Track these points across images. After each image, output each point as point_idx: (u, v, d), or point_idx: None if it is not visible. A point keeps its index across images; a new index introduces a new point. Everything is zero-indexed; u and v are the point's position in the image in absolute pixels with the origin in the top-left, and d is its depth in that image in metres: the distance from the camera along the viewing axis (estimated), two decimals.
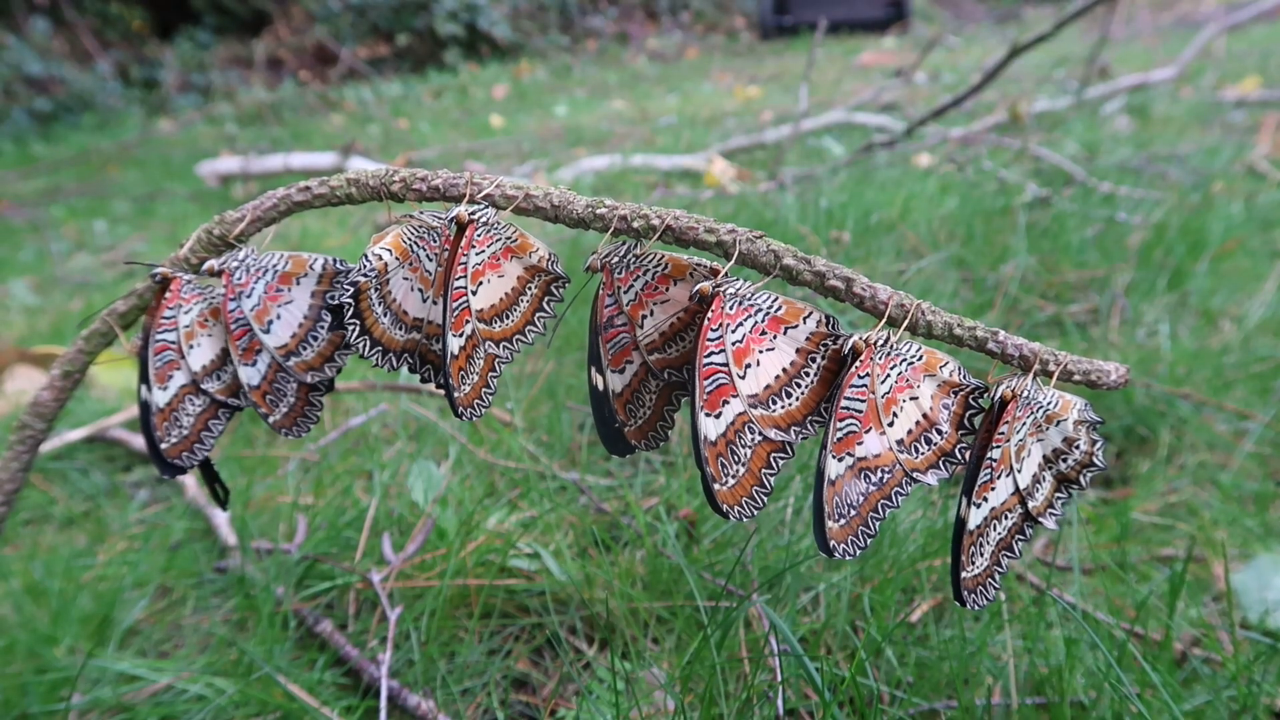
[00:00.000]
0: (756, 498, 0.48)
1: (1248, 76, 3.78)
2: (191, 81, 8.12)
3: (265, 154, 3.87)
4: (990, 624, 0.82)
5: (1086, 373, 0.47)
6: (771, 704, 0.74)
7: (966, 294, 1.68)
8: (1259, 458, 1.17)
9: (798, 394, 0.48)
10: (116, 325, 0.62)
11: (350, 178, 0.55)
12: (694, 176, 3.01)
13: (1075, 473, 0.49)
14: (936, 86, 4.92)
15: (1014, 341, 0.47)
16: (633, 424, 0.53)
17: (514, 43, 9.23)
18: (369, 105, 6.80)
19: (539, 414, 1.32)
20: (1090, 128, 3.19)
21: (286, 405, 0.60)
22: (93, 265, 2.98)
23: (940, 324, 0.47)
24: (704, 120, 4.65)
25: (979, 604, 0.49)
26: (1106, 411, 1.26)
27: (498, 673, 0.85)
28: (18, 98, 6.96)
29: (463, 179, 0.52)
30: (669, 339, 0.51)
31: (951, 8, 10.63)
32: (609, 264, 0.51)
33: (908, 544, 0.92)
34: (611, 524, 1.04)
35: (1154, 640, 0.81)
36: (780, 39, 9.51)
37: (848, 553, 0.47)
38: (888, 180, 2.40)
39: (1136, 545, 1.01)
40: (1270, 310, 1.54)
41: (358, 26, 8.92)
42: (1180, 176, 2.41)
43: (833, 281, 0.47)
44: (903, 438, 0.47)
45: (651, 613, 0.88)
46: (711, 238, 0.48)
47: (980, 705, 0.74)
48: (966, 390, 0.48)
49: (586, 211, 0.50)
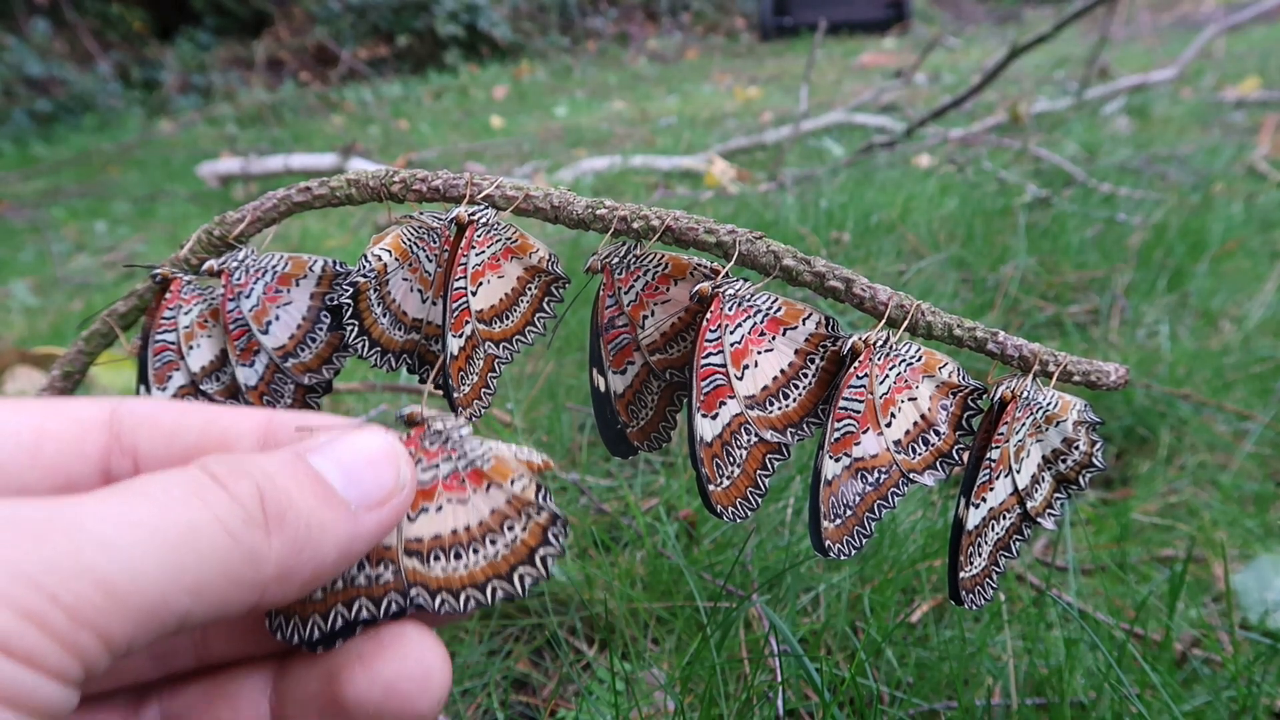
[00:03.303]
0: (751, 499, 0.48)
1: (1248, 77, 3.78)
2: (192, 82, 8.13)
3: (265, 155, 3.87)
4: (990, 625, 0.82)
5: (1086, 373, 0.47)
6: (771, 704, 0.74)
7: (966, 294, 1.68)
8: (1259, 458, 1.17)
9: (795, 395, 0.48)
10: (117, 326, 0.62)
11: (350, 178, 0.55)
12: (694, 177, 3.01)
13: (1074, 473, 0.49)
14: (936, 87, 4.92)
15: (1013, 342, 0.47)
16: (635, 425, 0.53)
17: (514, 43, 9.24)
18: (369, 106, 6.80)
19: (539, 415, 1.32)
20: (1090, 128, 3.19)
21: (284, 406, 0.60)
22: (93, 266, 2.98)
23: (940, 325, 0.47)
24: (704, 121, 4.65)
25: (976, 604, 0.49)
26: (1106, 412, 1.26)
27: (498, 673, 0.85)
28: (18, 99, 6.97)
29: (463, 180, 0.52)
30: (670, 339, 0.51)
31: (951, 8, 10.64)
32: (609, 265, 0.51)
33: (908, 545, 0.92)
34: (611, 525, 1.04)
35: (1154, 641, 0.81)
36: (780, 40, 9.52)
37: (843, 552, 0.47)
38: (888, 181, 2.40)
39: (1136, 546, 1.01)
40: (1270, 311, 1.54)
41: (358, 27, 8.93)
42: (1180, 177, 2.41)
43: (832, 282, 0.47)
44: (900, 438, 0.47)
45: (651, 613, 0.88)
46: (711, 238, 0.48)
47: (980, 706, 0.74)
48: (965, 391, 0.48)
49: (586, 212, 0.50)
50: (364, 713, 0.32)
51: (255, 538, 0.28)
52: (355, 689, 0.32)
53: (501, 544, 0.38)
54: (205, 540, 0.27)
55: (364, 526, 0.32)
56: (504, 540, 0.38)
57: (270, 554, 0.29)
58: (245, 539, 0.28)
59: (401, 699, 0.32)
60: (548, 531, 0.38)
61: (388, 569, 0.37)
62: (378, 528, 0.32)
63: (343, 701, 0.32)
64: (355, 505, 0.32)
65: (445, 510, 0.38)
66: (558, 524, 0.38)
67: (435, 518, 0.38)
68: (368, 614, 0.36)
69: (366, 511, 0.32)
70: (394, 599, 0.36)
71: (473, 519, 0.38)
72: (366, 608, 0.36)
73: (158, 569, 0.26)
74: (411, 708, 0.32)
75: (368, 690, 0.32)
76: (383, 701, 0.32)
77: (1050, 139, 3.00)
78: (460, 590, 0.37)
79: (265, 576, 0.29)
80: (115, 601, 0.25)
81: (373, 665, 0.33)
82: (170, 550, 0.27)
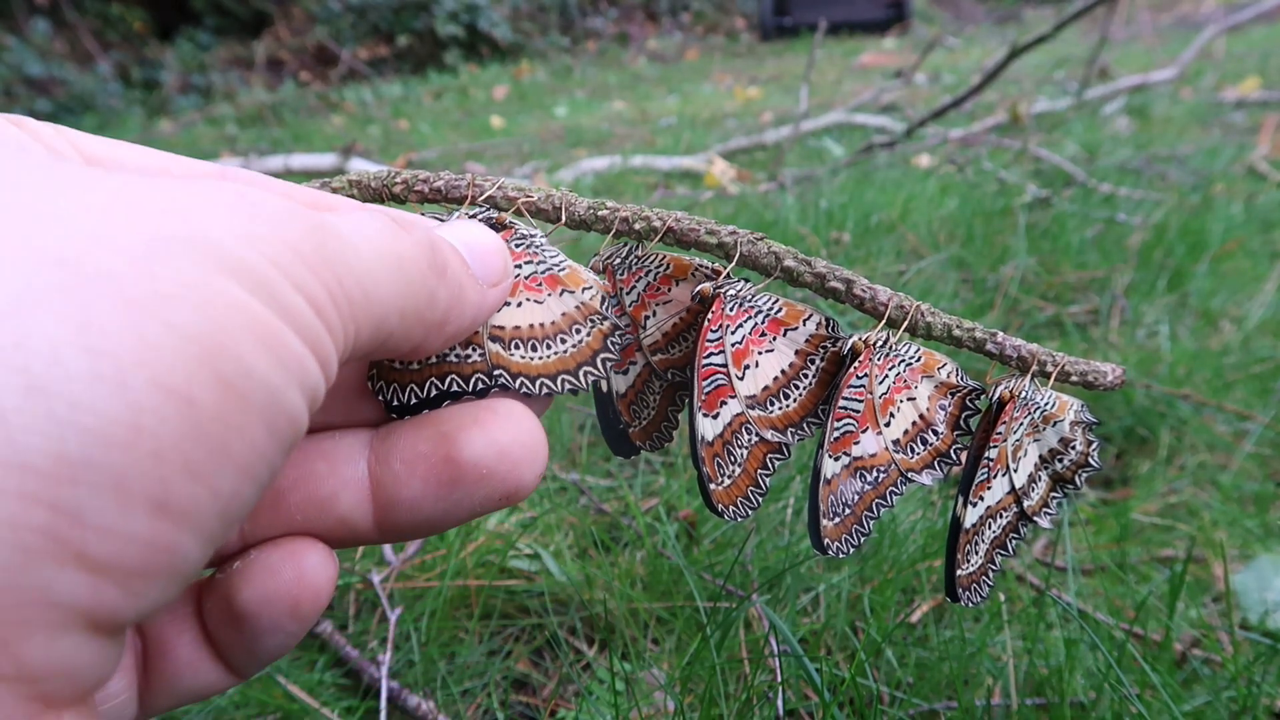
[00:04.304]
0: (752, 498, 0.48)
1: (1248, 77, 3.78)
2: (192, 82, 8.13)
3: (266, 155, 3.87)
4: (990, 625, 0.82)
5: (1084, 374, 0.47)
6: (771, 704, 0.75)
7: (966, 294, 1.68)
8: (1259, 458, 1.17)
9: (795, 396, 0.48)
10: None
11: (352, 179, 0.55)
12: (694, 177, 3.01)
13: (1071, 473, 0.49)
14: (936, 87, 4.93)
15: (1012, 343, 0.47)
16: (637, 425, 0.54)
17: (514, 44, 9.24)
18: (369, 106, 6.81)
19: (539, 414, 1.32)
20: (1090, 128, 3.19)
21: None
22: None
23: (939, 325, 0.47)
24: (704, 121, 4.65)
25: (973, 601, 0.49)
26: (1106, 412, 1.26)
27: (498, 673, 0.85)
28: (18, 99, 6.96)
29: (464, 180, 0.52)
30: (672, 339, 0.51)
31: (951, 9, 10.64)
32: (611, 266, 0.51)
33: (908, 545, 0.92)
34: (611, 525, 1.04)
35: (1154, 641, 0.82)
36: (780, 40, 9.52)
37: (841, 550, 0.47)
38: (888, 181, 2.41)
39: (1136, 546, 1.01)
40: (1270, 311, 1.54)
41: (358, 27, 8.93)
42: (1180, 177, 2.42)
43: (833, 283, 0.47)
44: (899, 438, 0.48)
45: (651, 613, 0.88)
46: (713, 240, 0.48)
47: (980, 706, 0.74)
48: (963, 392, 0.48)
49: (588, 213, 0.50)
50: (477, 472, 0.34)
51: (435, 280, 0.31)
52: (473, 449, 0.34)
53: (570, 344, 0.43)
54: (410, 270, 0.30)
55: (488, 298, 0.35)
56: (572, 341, 0.43)
57: (440, 299, 0.32)
58: (430, 280, 0.31)
59: (512, 463, 0.34)
60: (608, 339, 0.44)
61: (475, 351, 0.41)
62: (495, 304, 0.36)
63: (458, 460, 0.34)
64: (482, 280, 0.35)
65: (525, 307, 0.43)
66: (616, 333, 0.44)
67: (516, 311, 0.42)
68: (457, 388, 0.40)
69: (490, 288, 0.36)
70: (480, 378, 0.41)
71: (546, 318, 0.43)
72: (456, 382, 0.40)
73: (388, 286, 0.29)
74: (518, 473, 0.34)
75: (484, 451, 0.34)
76: (496, 463, 0.34)
77: (1050, 139, 3.01)
78: (536, 377, 0.42)
79: (434, 318, 0.32)
80: (369, 301, 0.28)
81: (490, 429, 0.35)
82: (393, 271, 0.29)
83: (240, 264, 0.24)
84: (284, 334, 0.24)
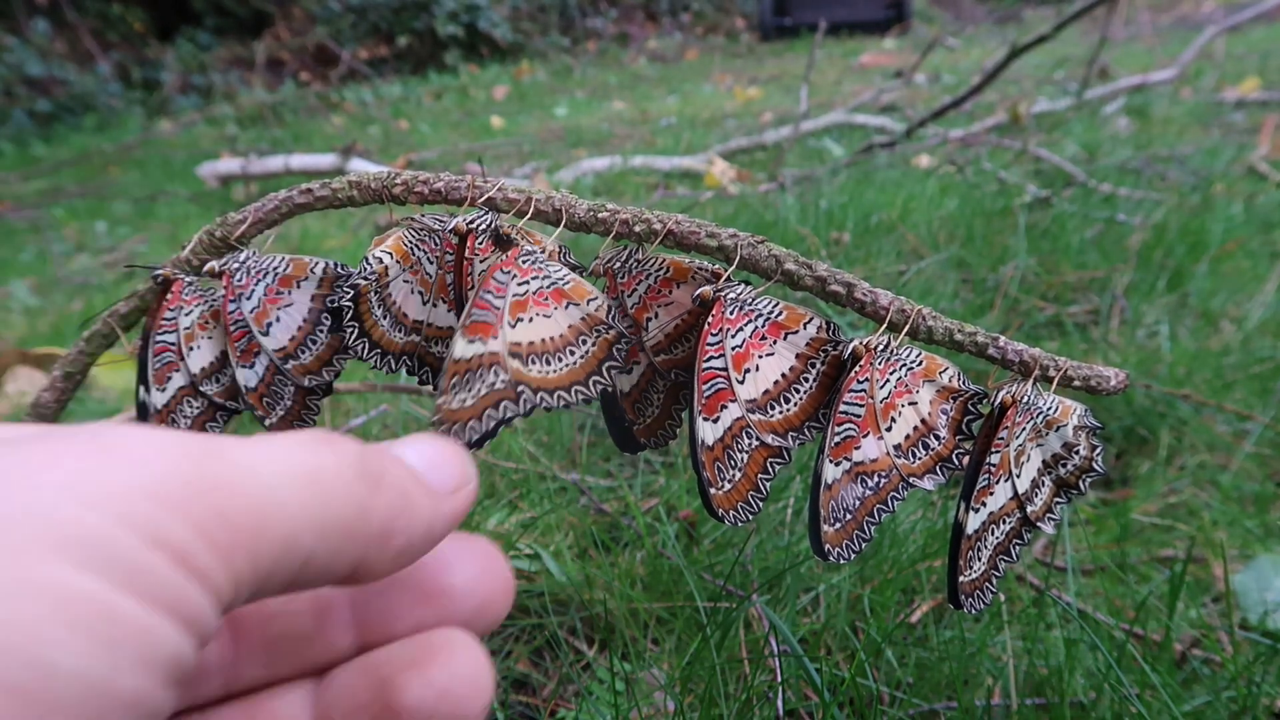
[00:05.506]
0: (752, 502, 0.48)
1: (1247, 78, 3.78)
2: (192, 82, 8.12)
3: (266, 155, 3.87)
4: (990, 625, 0.82)
5: (1086, 378, 0.47)
6: (771, 705, 0.75)
7: (966, 295, 1.68)
8: (1259, 458, 1.17)
9: (796, 399, 0.48)
10: (118, 327, 0.62)
11: (352, 180, 0.55)
12: (694, 178, 3.01)
13: (1074, 478, 0.49)
14: (936, 88, 4.92)
15: (1014, 347, 0.47)
16: (641, 422, 0.54)
17: (514, 44, 9.23)
18: (369, 106, 6.80)
19: (539, 414, 1.32)
20: (1090, 129, 3.19)
21: (283, 408, 0.60)
22: (93, 266, 2.98)
23: (940, 329, 0.47)
24: (704, 121, 4.65)
25: (976, 608, 0.49)
26: (1106, 413, 1.26)
27: (498, 673, 0.85)
28: (18, 99, 6.97)
29: (465, 181, 0.52)
30: (674, 340, 0.51)
31: (952, 9, 10.64)
32: (611, 269, 0.51)
33: (908, 545, 0.92)
34: (611, 525, 1.04)
35: (1154, 641, 0.82)
36: (780, 40, 9.52)
37: (842, 556, 0.47)
38: (888, 181, 2.41)
39: (1136, 546, 1.01)
40: (1270, 311, 1.54)
41: (358, 27, 8.93)
42: (1180, 177, 2.41)
43: (834, 287, 0.47)
44: (900, 443, 0.48)
45: (651, 613, 0.88)
46: (713, 242, 0.48)
47: (980, 706, 0.74)
48: (965, 396, 0.48)
49: (588, 215, 0.50)
50: (419, 717, 0.33)
51: (364, 489, 0.30)
52: (411, 694, 0.33)
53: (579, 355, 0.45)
54: (329, 482, 0.29)
55: (445, 508, 0.34)
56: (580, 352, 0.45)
57: (376, 509, 0.30)
58: (357, 489, 0.30)
59: (454, 701, 0.33)
60: (613, 347, 0.46)
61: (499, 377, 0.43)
62: (453, 513, 0.35)
63: (397, 708, 0.33)
64: (435, 489, 0.34)
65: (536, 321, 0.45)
66: (621, 341, 0.46)
67: (529, 327, 0.44)
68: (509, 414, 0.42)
69: (446, 496, 0.34)
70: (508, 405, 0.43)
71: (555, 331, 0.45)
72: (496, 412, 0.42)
73: (295, 504, 0.27)
74: (461, 711, 0.33)
75: (423, 694, 0.33)
76: (437, 703, 0.33)
77: (1050, 139, 3.01)
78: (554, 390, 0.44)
79: (370, 531, 0.30)
80: (265, 527, 0.26)
81: (428, 671, 0.33)
82: (304, 486, 0.28)
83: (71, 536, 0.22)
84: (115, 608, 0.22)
